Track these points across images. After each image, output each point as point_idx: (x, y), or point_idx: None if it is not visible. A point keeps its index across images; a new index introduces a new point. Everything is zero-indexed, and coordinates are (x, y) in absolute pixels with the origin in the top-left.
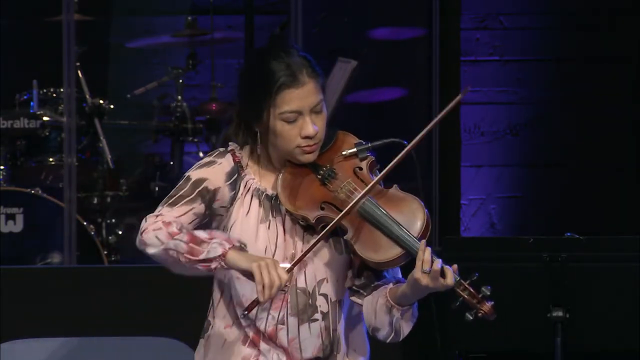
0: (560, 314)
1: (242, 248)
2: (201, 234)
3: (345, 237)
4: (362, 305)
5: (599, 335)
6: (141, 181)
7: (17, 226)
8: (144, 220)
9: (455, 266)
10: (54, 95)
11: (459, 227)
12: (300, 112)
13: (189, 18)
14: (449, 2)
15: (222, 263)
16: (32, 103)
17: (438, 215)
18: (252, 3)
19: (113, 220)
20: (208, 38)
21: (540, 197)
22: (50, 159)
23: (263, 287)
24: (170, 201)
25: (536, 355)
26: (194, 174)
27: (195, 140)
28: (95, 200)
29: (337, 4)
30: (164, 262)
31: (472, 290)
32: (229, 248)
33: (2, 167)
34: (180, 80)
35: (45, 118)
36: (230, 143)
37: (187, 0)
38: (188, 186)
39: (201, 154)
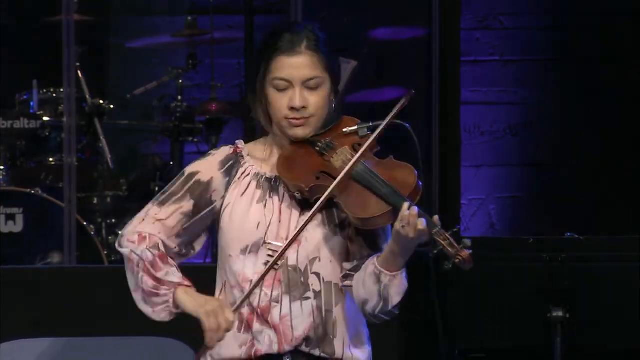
0: (560, 314)
1: (192, 290)
2: (171, 260)
3: (334, 200)
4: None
5: (599, 336)
6: (141, 181)
7: (17, 226)
8: (129, 222)
9: (436, 217)
10: (54, 95)
11: (459, 228)
12: (291, 81)
13: (189, 18)
14: (449, 2)
15: (171, 296)
16: (32, 103)
17: (438, 215)
18: (252, 3)
19: (113, 220)
20: (208, 38)
21: (540, 197)
22: (50, 159)
23: (211, 331)
24: (161, 199)
25: (536, 355)
26: (188, 168)
27: (195, 140)
28: (95, 200)
29: (337, 4)
30: (127, 269)
31: (452, 240)
32: (181, 284)
33: (2, 167)
34: (180, 81)
35: (45, 118)
36: (237, 141)
37: (187, 0)
38: (179, 182)
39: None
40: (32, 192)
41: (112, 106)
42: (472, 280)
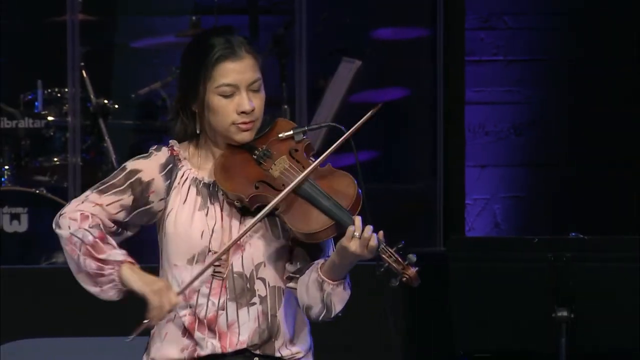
0: (565, 314)
1: (137, 267)
2: (112, 240)
3: (276, 212)
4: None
5: (604, 336)
6: None
7: (21, 226)
8: (68, 203)
9: (381, 232)
10: (59, 95)
11: (464, 227)
12: (237, 86)
13: (193, 18)
14: (453, 2)
15: (116, 274)
16: (36, 103)
17: (442, 215)
18: (256, 3)
19: None
20: None
21: (545, 197)
22: (55, 159)
23: (156, 309)
24: (101, 188)
25: (541, 356)
26: (129, 164)
27: None
28: None
29: (340, 4)
30: (66, 252)
31: (397, 257)
32: (127, 261)
33: (6, 167)
34: None
35: (49, 118)
36: (170, 141)
37: (191, 0)
38: (122, 176)
39: None
40: (37, 191)
41: (116, 106)
42: (476, 280)
